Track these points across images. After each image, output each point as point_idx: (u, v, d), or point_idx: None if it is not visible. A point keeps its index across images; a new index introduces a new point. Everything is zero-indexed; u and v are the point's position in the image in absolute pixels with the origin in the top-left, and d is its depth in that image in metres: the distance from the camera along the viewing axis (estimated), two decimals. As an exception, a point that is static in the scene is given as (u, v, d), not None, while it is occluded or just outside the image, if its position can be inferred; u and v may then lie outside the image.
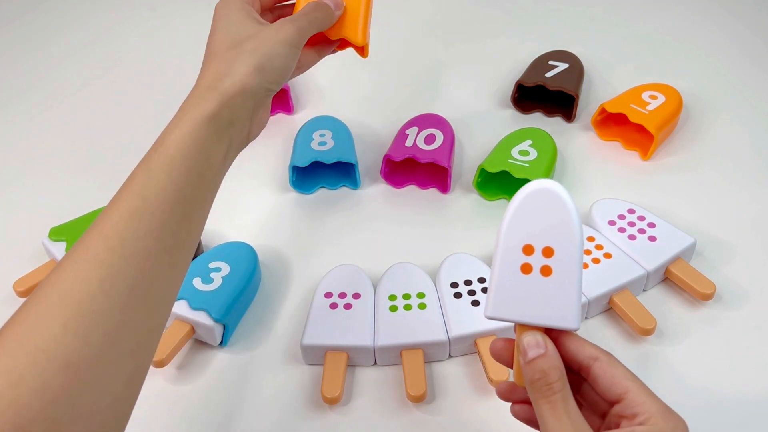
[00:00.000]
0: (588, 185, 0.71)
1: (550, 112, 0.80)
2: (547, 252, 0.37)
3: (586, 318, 0.58)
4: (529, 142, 0.70)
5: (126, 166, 0.77)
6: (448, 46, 0.92)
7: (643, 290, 0.60)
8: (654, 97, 0.74)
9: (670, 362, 0.54)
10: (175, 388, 0.54)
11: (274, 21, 0.51)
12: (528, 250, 0.38)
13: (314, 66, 0.88)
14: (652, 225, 0.62)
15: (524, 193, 0.38)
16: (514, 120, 0.79)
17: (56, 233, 0.62)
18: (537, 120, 0.79)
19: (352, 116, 0.77)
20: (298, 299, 0.61)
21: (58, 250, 0.61)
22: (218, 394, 0.54)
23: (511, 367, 0.40)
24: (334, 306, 0.56)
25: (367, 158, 0.74)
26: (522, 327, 0.38)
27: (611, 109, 0.73)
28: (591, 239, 0.61)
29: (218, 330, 0.55)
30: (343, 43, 0.57)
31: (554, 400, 0.35)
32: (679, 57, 0.89)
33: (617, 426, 0.36)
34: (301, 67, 0.54)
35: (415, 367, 0.52)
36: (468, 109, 0.81)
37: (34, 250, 0.64)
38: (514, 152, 0.68)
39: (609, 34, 0.93)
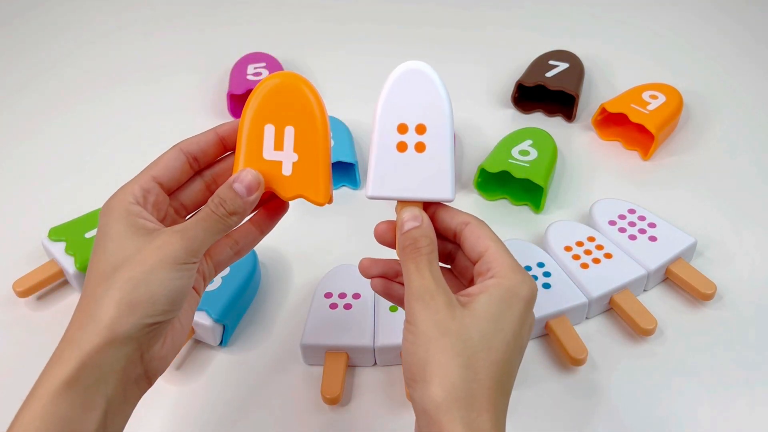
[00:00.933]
0: (588, 185, 0.70)
1: (550, 111, 0.80)
2: (420, 129, 0.40)
3: (587, 318, 0.58)
4: (530, 142, 0.70)
5: (126, 167, 0.77)
6: (448, 46, 0.92)
7: (644, 290, 0.60)
8: (654, 97, 0.74)
9: (670, 362, 0.54)
10: (174, 388, 0.54)
11: (202, 194, 0.43)
12: (402, 128, 0.40)
13: (314, 65, 0.89)
14: (652, 225, 0.61)
15: (395, 75, 0.40)
16: (514, 120, 0.79)
17: (56, 233, 0.62)
18: (537, 120, 0.79)
19: (352, 116, 0.77)
20: (298, 299, 0.61)
21: (58, 250, 0.60)
22: (218, 394, 0.54)
23: (395, 248, 0.42)
24: (334, 306, 0.56)
25: (367, 158, 0.74)
26: (402, 203, 0.41)
27: (612, 109, 0.73)
28: (591, 239, 0.61)
29: (218, 330, 0.55)
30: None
31: (419, 260, 0.39)
32: (679, 57, 0.89)
33: None
34: (240, 252, 0.45)
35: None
36: (468, 109, 0.81)
37: (34, 250, 0.64)
38: (515, 152, 0.68)
39: (609, 34, 0.93)
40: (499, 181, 0.69)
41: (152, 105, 0.84)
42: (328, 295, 0.57)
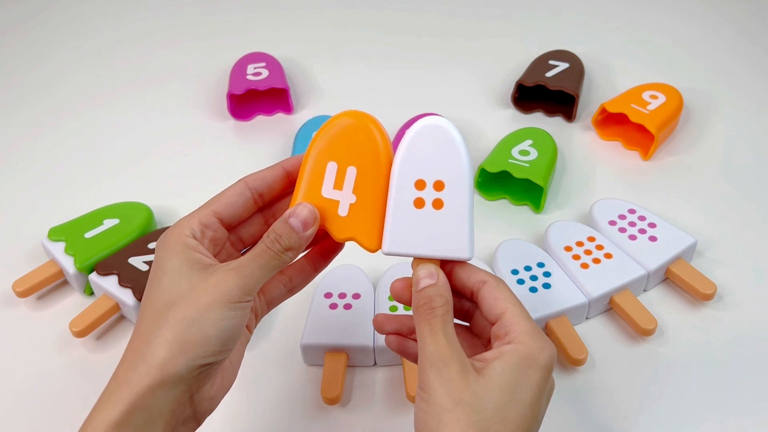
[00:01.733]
0: (588, 185, 0.70)
1: (550, 111, 0.80)
2: (438, 186, 0.40)
3: (587, 318, 0.58)
4: (530, 141, 0.70)
5: (125, 167, 0.77)
6: (448, 46, 0.92)
7: (644, 290, 0.60)
8: (654, 97, 0.74)
9: (670, 362, 0.54)
10: (174, 388, 0.54)
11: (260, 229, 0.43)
12: (420, 185, 0.40)
13: (313, 66, 0.89)
14: (652, 225, 0.61)
15: (414, 130, 0.39)
16: (514, 120, 0.79)
17: (56, 233, 0.62)
18: (537, 120, 0.79)
19: (352, 116, 0.77)
20: (298, 299, 0.60)
21: (58, 250, 0.60)
22: (218, 394, 0.54)
23: (411, 305, 0.41)
24: (334, 306, 0.56)
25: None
26: (418, 260, 0.40)
27: (612, 109, 0.73)
28: (591, 239, 0.60)
29: (218, 330, 0.55)
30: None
31: (434, 323, 0.37)
32: (679, 57, 0.89)
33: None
34: (293, 289, 0.45)
35: (415, 367, 0.52)
36: (468, 109, 0.81)
37: (34, 250, 0.64)
38: (515, 152, 0.68)
39: (609, 34, 0.93)
40: (499, 181, 0.69)
41: (152, 105, 0.84)
42: (328, 295, 0.57)
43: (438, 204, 0.40)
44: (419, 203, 0.40)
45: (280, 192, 0.43)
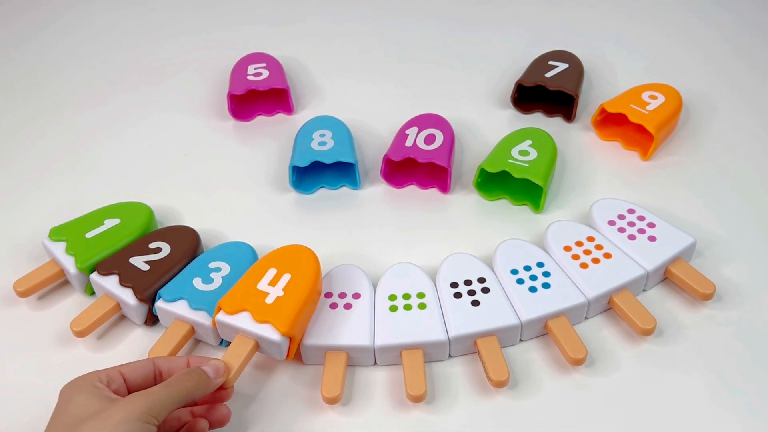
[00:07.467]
0: (588, 185, 0.71)
1: (550, 112, 0.80)
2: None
3: (587, 318, 0.58)
4: (529, 142, 0.70)
5: (126, 167, 0.77)
6: (447, 46, 0.92)
7: (643, 290, 0.60)
8: (654, 97, 0.74)
9: (670, 362, 0.54)
10: (175, 388, 0.54)
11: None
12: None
13: (313, 66, 0.89)
14: (652, 225, 0.62)
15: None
16: (514, 120, 0.79)
17: (56, 233, 0.62)
18: (537, 120, 0.79)
19: (352, 116, 0.77)
20: (298, 299, 0.61)
21: (58, 250, 0.61)
22: (218, 394, 0.54)
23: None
24: (334, 306, 0.56)
25: (367, 158, 0.74)
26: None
27: (611, 109, 0.73)
28: (591, 239, 0.61)
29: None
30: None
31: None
32: (679, 57, 0.89)
33: None
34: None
35: (415, 367, 0.52)
36: (468, 109, 0.81)
37: (35, 250, 0.65)
38: (514, 152, 0.68)
39: (609, 34, 0.93)
40: (499, 181, 0.69)
41: (152, 105, 0.84)
42: (329, 295, 0.57)
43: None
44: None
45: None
